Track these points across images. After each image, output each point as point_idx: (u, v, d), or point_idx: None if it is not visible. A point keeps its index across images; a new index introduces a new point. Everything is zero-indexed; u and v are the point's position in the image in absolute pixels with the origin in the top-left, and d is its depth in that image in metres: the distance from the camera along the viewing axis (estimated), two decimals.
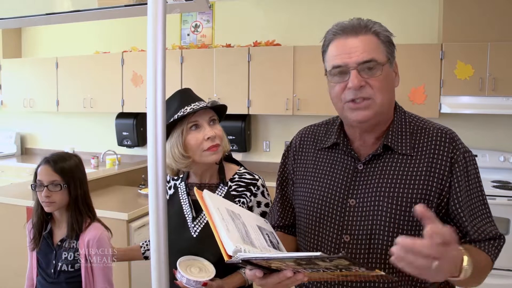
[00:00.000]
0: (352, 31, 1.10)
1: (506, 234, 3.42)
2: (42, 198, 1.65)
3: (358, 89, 1.07)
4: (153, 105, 0.71)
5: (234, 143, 4.61)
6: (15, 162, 5.44)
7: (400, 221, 1.10)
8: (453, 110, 3.78)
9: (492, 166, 3.91)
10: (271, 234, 1.13)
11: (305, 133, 1.35)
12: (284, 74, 4.27)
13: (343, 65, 1.09)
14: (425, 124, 1.19)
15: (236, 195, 1.51)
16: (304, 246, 1.26)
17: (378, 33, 1.11)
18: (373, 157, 1.16)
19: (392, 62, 1.14)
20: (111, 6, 1.06)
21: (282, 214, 1.37)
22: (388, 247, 1.09)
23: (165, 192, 0.73)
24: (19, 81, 5.41)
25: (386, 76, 1.10)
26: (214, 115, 1.53)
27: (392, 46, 1.14)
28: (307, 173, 1.27)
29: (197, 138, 1.45)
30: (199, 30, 5.03)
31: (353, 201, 1.15)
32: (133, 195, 3.56)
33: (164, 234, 0.72)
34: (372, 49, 1.08)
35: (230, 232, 0.93)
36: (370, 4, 4.34)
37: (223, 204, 1.08)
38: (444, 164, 1.11)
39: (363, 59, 1.07)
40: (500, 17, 3.71)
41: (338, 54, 1.10)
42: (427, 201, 1.10)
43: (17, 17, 1.19)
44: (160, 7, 0.71)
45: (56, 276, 1.67)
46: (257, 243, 0.99)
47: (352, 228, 1.14)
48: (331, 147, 1.24)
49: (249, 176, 1.55)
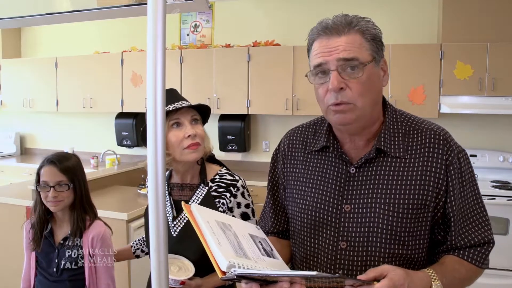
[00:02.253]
0: (335, 31, 1.06)
1: (506, 234, 3.42)
2: (49, 199, 1.66)
3: (338, 92, 1.04)
4: (153, 105, 0.71)
5: (234, 143, 4.61)
6: (15, 162, 5.43)
7: (397, 227, 1.09)
8: (453, 110, 3.78)
9: (491, 166, 3.91)
10: (264, 242, 1.11)
11: (293, 135, 1.31)
12: (283, 74, 4.27)
13: (323, 62, 1.06)
14: (417, 124, 1.16)
15: (216, 196, 1.52)
16: (299, 253, 1.23)
17: (363, 31, 1.07)
18: (366, 161, 1.13)
19: (379, 60, 1.09)
20: (110, 6, 1.06)
21: (275, 220, 1.34)
22: (386, 253, 1.09)
23: (164, 192, 0.73)
24: (19, 81, 5.40)
25: (369, 77, 1.06)
26: (196, 114, 1.55)
27: (379, 44, 1.09)
28: (298, 178, 1.24)
29: (177, 136, 1.47)
30: (198, 30, 5.03)
31: (348, 207, 1.13)
32: (132, 195, 3.56)
33: (164, 234, 0.72)
34: (354, 47, 1.05)
35: (222, 245, 0.91)
36: (370, 4, 4.34)
37: (213, 216, 1.04)
38: (439, 167, 1.09)
39: (344, 56, 1.03)
40: (499, 17, 3.71)
41: (319, 52, 1.07)
42: (423, 205, 1.09)
43: (16, 17, 1.19)
44: (160, 7, 0.70)
45: (59, 274, 1.68)
46: (250, 254, 0.97)
47: (348, 234, 1.12)
48: (321, 150, 1.22)
49: (229, 177, 1.55)
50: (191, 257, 1.43)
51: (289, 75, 4.25)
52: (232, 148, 4.63)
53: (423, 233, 1.11)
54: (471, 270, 1.10)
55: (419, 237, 1.11)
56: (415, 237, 1.10)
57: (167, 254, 0.73)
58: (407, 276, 0.94)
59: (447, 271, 1.05)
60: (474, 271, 1.11)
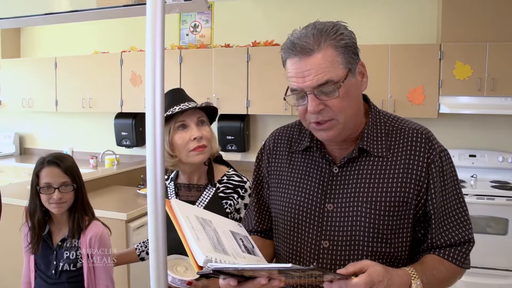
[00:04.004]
0: (304, 50, 1.03)
1: (505, 234, 3.42)
2: (53, 200, 1.62)
3: (318, 112, 1.05)
4: (151, 105, 0.71)
5: (233, 143, 4.61)
6: (14, 162, 5.43)
7: (380, 225, 1.09)
8: (452, 110, 3.78)
9: (491, 166, 3.91)
10: (245, 239, 1.11)
11: (278, 134, 1.32)
12: (283, 74, 4.25)
13: (298, 89, 1.06)
14: (400, 124, 1.17)
15: (223, 197, 1.51)
16: (282, 251, 1.23)
17: (334, 45, 1.03)
18: (348, 160, 1.14)
19: (354, 70, 1.06)
20: (109, 6, 1.06)
21: (259, 219, 1.34)
22: (369, 252, 1.10)
23: (164, 192, 0.73)
24: (18, 81, 5.40)
25: (347, 91, 1.04)
26: (203, 116, 1.53)
27: (353, 50, 1.06)
28: (282, 177, 1.25)
29: (183, 138, 1.46)
30: (198, 30, 5.03)
31: (331, 206, 1.13)
32: (132, 195, 3.56)
33: (162, 234, 0.72)
34: (326, 68, 1.02)
35: (200, 241, 0.91)
36: (368, 5, 4.33)
37: (193, 212, 1.04)
38: (420, 165, 1.10)
39: (318, 83, 1.02)
40: (499, 17, 3.72)
41: (293, 76, 1.08)
42: (405, 203, 1.10)
43: (15, 17, 1.19)
44: (159, 7, 0.70)
45: (58, 276, 1.66)
46: (229, 250, 0.97)
47: (331, 233, 1.12)
48: (305, 150, 1.22)
49: (237, 178, 1.55)
50: None
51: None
52: (232, 148, 4.63)
53: (405, 231, 1.12)
54: (451, 269, 1.10)
55: (401, 235, 1.12)
56: (397, 235, 1.11)
57: (166, 254, 0.73)
58: (386, 273, 0.94)
59: (427, 270, 1.05)
60: (455, 271, 1.11)
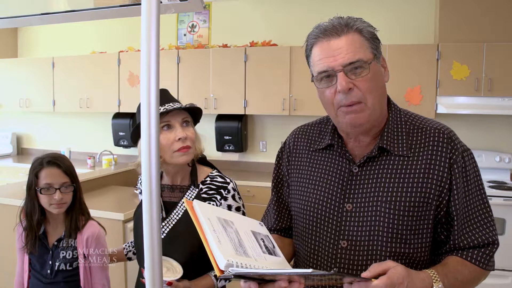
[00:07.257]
0: (334, 32, 1.06)
1: (502, 234, 3.43)
2: (54, 201, 1.62)
3: (348, 92, 1.04)
4: (146, 105, 0.71)
5: (231, 143, 4.61)
6: (11, 162, 5.42)
7: (399, 225, 1.08)
8: (449, 110, 3.79)
9: (488, 166, 3.92)
10: (266, 238, 1.11)
11: (298, 133, 1.32)
12: (280, 74, 4.28)
13: (329, 69, 1.06)
14: (421, 123, 1.16)
15: (206, 198, 1.51)
16: (301, 250, 1.24)
17: (360, 30, 1.07)
18: (368, 159, 1.13)
19: (379, 57, 1.10)
20: (105, 6, 1.06)
21: (278, 217, 1.35)
22: (387, 252, 1.08)
23: (159, 192, 0.73)
24: (15, 81, 5.39)
25: (375, 74, 1.07)
26: (188, 117, 1.53)
27: (376, 41, 1.10)
28: (302, 175, 1.25)
29: (168, 138, 1.46)
30: (195, 30, 5.03)
31: (350, 206, 1.13)
32: (129, 195, 3.55)
33: (157, 234, 0.72)
34: (356, 48, 1.05)
35: (222, 244, 0.90)
36: (367, 5, 4.35)
37: (214, 213, 1.03)
38: (443, 165, 1.08)
39: (349, 60, 1.04)
40: (496, 17, 3.73)
41: (322, 58, 1.07)
42: (426, 203, 1.08)
43: (11, 17, 1.18)
44: (154, 7, 0.70)
45: (54, 276, 1.66)
46: (250, 252, 0.97)
47: (349, 233, 1.11)
48: (325, 148, 1.22)
49: (220, 179, 1.55)
50: (180, 259, 1.42)
51: (286, 75, 4.26)
52: (229, 148, 4.63)
53: (426, 231, 1.10)
54: (474, 271, 1.08)
55: (421, 236, 1.10)
56: (417, 235, 1.09)
57: (161, 254, 0.73)
58: (407, 275, 0.93)
59: (449, 272, 1.03)
60: (478, 273, 1.09)
